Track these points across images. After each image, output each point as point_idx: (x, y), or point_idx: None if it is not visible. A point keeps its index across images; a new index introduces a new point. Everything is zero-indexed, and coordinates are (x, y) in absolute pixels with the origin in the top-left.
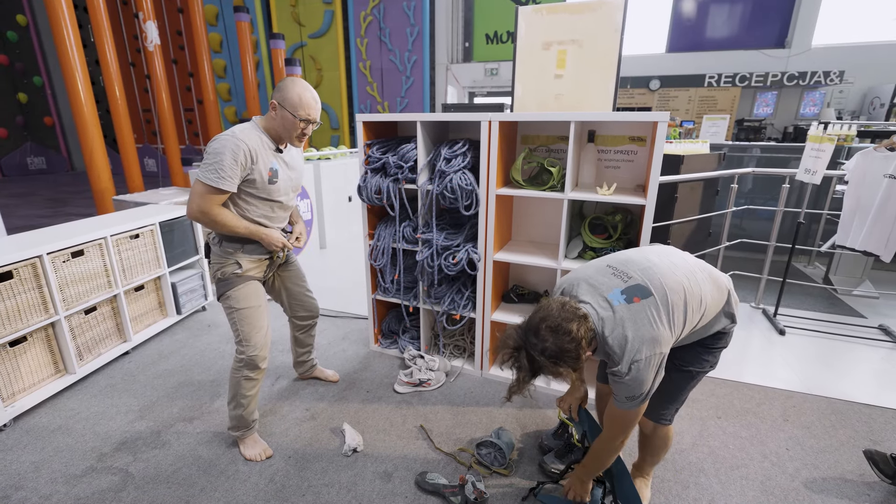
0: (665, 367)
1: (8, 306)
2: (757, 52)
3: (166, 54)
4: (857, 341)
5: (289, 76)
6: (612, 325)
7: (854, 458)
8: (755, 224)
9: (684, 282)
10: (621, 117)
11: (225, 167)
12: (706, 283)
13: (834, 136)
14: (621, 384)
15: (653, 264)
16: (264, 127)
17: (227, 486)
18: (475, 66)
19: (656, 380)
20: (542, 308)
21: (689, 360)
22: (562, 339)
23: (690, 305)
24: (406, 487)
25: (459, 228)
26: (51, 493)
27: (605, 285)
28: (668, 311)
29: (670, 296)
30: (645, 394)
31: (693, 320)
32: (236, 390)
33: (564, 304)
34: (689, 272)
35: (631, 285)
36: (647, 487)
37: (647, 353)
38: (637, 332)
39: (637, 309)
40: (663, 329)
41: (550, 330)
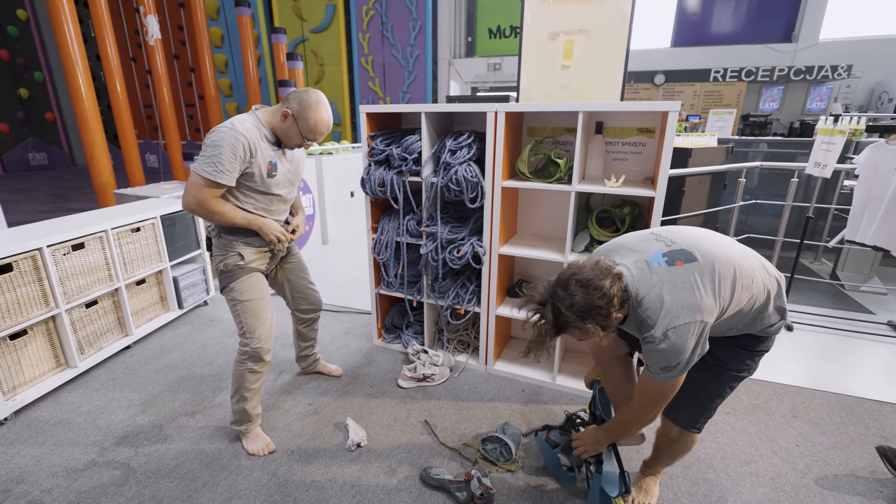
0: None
1: (8, 299)
2: (763, 47)
3: (167, 49)
4: (866, 337)
5: (312, 89)
6: (647, 286)
7: (865, 455)
8: (761, 220)
9: (735, 257)
10: (630, 107)
11: (223, 161)
12: (759, 268)
13: (845, 130)
14: (655, 352)
15: (702, 235)
16: (266, 121)
17: (229, 481)
18: (478, 60)
19: (696, 351)
20: (574, 264)
21: (726, 361)
22: (592, 294)
23: (740, 281)
24: (410, 483)
25: (464, 222)
26: (52, 487)
27: (647, 249)
28: (713, 280)
29: (717, 265)
30: (683, 364)
31: (741, 298)
32: (240, 383)
33: (598, 262)
34: (741, 250)
35: (675, 249)
36: (657, 485)
37: (687, 318)
38: (676, 296)
39: (679, 272)
40: (706, 297)
41: (580, 284)
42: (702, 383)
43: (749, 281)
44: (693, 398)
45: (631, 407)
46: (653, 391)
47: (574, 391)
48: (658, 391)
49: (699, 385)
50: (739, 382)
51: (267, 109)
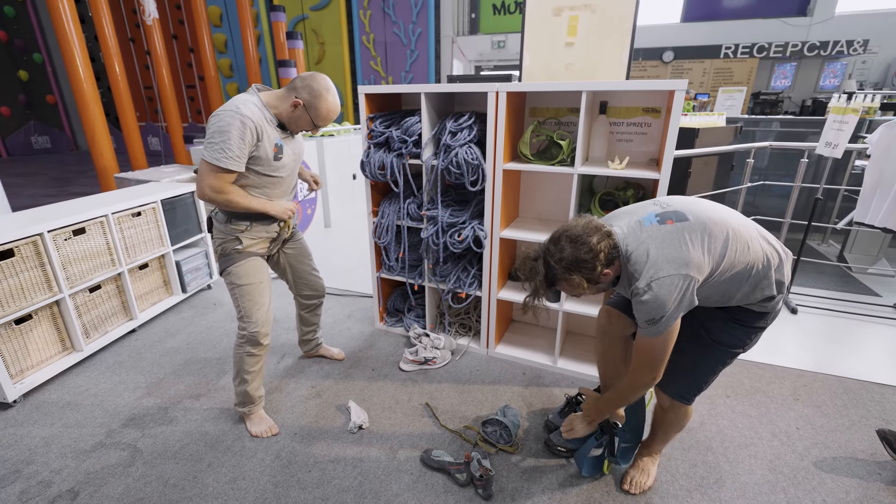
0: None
1: (11, 284)
2: (777, 21)
3: (166, 29)
4: (871, 320)
5: (318, 74)
6: (637, 242)
7: (866, 438)
8: (769, 201)
9: (731, 222)
10: (635, 86)
11: (232, 147)
12: (757, 238)
13: (858, 108)
14: (640, 304)
15: (701, 202)
16: (271, 105)
17: (233, 462)
18: (482, 38)
19: (681, 305)
20: (568, 222)
21: (718, 334)
22: (579, 248)
23: (734, 245)
24: (411, 464)
25: (465, 205)
26: (61, 468)
27: (642, 211)
28: (703, 238)
29: (710, 226)
30: (667, 317)
31: (736, 261)
32: (240, 366)
33: (589, 220)
34: (741, 219)
35: (668, 210)
36: (655, 465)
37: (670, 271)
38: (662, 250)
39: (668, 229)
40: (695, 252)
41: (569, 240)
42: (694, 356)
43: (744, 246)
44: (684, 370)
45: (629, 372)
46: (645, 349)
47: (574, 374)
48: (649, 348)
49: (691, 358)
50: (733, 359)
51: (271, 93)
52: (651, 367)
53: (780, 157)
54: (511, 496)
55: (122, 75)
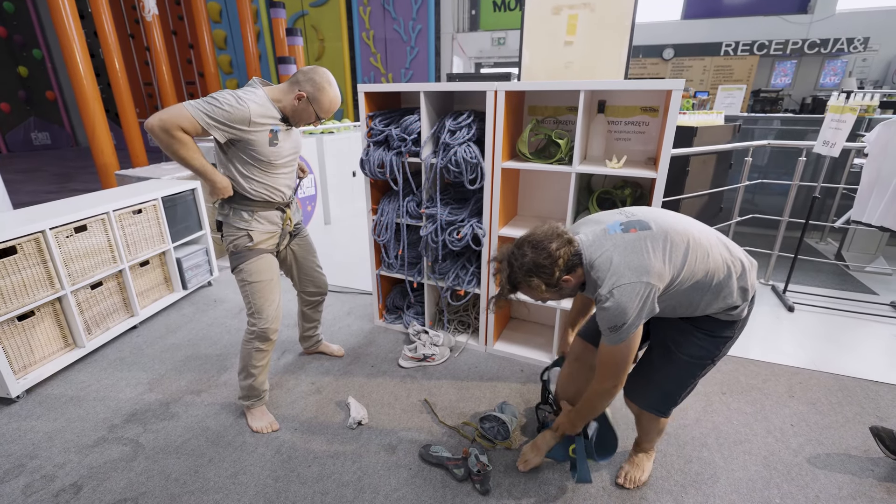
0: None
1: (14, 281)
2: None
3: (165, 25)
4: (868, 318)
5: (319, 68)
6: (600, 249)
7: (859, 435)
8: (768, 199)
9: (693, 231)
10: (633, 86)
11: (216, 114)
12: (718, 245)
13: (856, 107)
14: (602, 311)
15: (665, 212)
16: (274, 98)
17: (234, 457)
18: (482, 35)
19: (642, 313)
20: (533, 228)
21: (686, 347)
22: (539, 254)
23: (694, 252)
24: (410, 459)
25: (464, 203)
26: (64, 462)
27: (608, 220)
28: (664, 247)
29: (671, 234)
30: (628, 324)
31: (696, 270)
32: (247, 361)
33: (553, 227)
34: (702, 228)
35: (631, 220)
36: (650, 461)
37: (632, 278)
38: (625, 258)
39: (631, 238)
40: (655, 260)
41: (531, 245)
42: (665, 371)
43: (704, 254)
44: (654, 384)
45: (594, 380)
46: (607, 357)
47: None
48: (612, 356)
49: (663, 372)
50: (703, 371)
51: (273, 87)
52: (614, 373)
53: (780, 156)
54: (508, 491)
55: (121, 71)
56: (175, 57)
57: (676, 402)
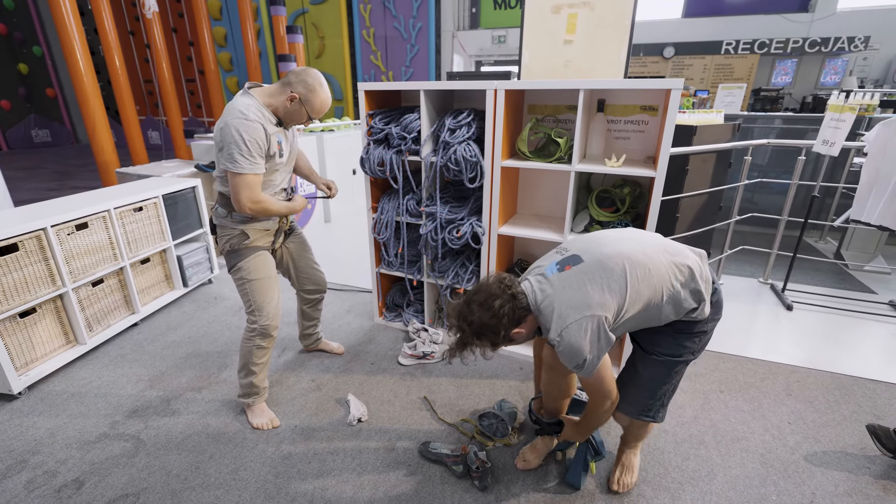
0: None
1: (15, 278)
2: (778, 17)
3: (165, 22)
4: (866, 317)
5: (310, 69)
6: (543, 295)
7: (856, 433)
8: (767, 198)
9: (626, 251)
10: (633, 85)
11: (253, 152)
12: (659, 255)
13: (855, 106)
14: (560, 354)
15: (598, 238)
16: (267, 103)
17: (235, 454)
18: (482, 32)
19: (598, 344)
20: (481, 283)
21: (665, 347)
22: (485, 314)
23: (633, 274)
24: (409, 456)
25: (464, 201)
26: (66, 458)
27: (547, 262)
28: (600, 277)
29: (605, 262)
30: (589, 360)
31: (640, 290)
32: (248, 359)
33: (501, 279)
34: (636, 245)
35: (566, 256)
36: (636, 456)
37: (576, 317)
38: (564, 297)
39: (567, 275)
40: (594, 292)
41: (479, 304)
42: (645, 373)
43: (645, 272)
44: (639, 388)
45: (588, 404)
46: (590, 387)
47: None
48: (592, 386)
49: (643, 375)
50: (685, 367)
51: (263, 90)
52: (604, 395)
53: (780, 155)
54: (507, 487)
55: (122, 69)
56: (175, 54)
57: (665, 403)
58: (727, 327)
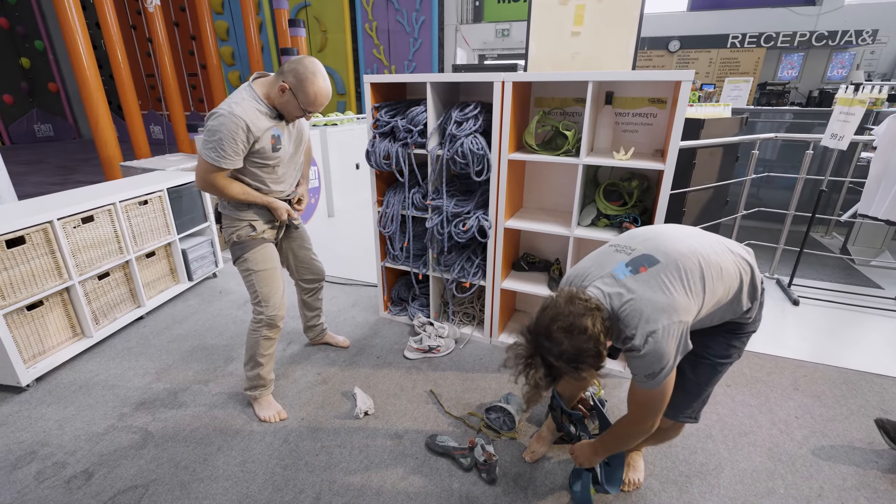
0: (693, 361)
1: (23, 271)
2: (785, 10)
3: (167, 16)
4: (873, 312)
5: (307, 57)
6: (620, 299)
7: (864, 427)
8: (773, 193)
9: (697, 248)
10: (642, 77)
11: (225, 147)
12: (724, 252)
13: (865, 99)
14: (638, 360)
15: (659, 233)
16: (264, 94)
17: (242, 446)
18: (486, 26)
19: (679, 353)
20: (550, 307)
21: (716, 349)
22: (577, 339)
23: (709, 272)
24: (416, 449)
25: (470, 195)
26: (75, 449)
27: (609, 263)
28: (681, 277)
29: (681, 261)
30: (666, 369)
31: (716, 290)
32: (254, 350)
33: (572, 296)
34: (703, 240)
35: (635, 256)
36: (641, 458)
37: (665, 322)
38: (649, 301)
39: (645, 278)
40: (679, 295)
41: (563, 331)
42: (694, 378)
43: (718, 270)
44: (686, 392)
45: (625, 419)
46: (644, 400)
47: None
48: (649, 399)
49: (691, 380)
50: (728, 368)
51: (264, 81)
52: (651, 414)
53: (787, 149)
54: (514, 480)
55: (124, 63)
56: (177, 48)
57: (705, 402)
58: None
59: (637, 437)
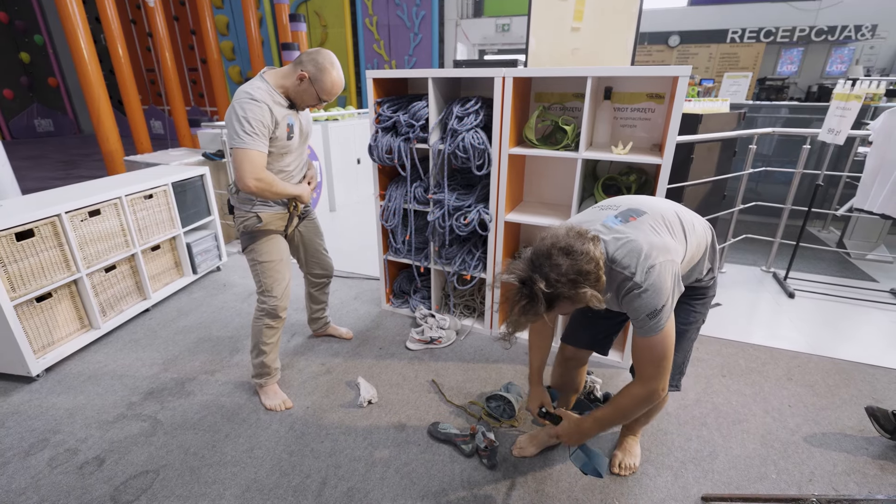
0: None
1: (32, 263)
2: (785, 5)
3: (167, 10)
4: (868, 304)
5: (324, 49)
6: (615, 243)
7: (855, 415)
8: (771, 187)
9: (674, 207)
10: (640, 72)
11: (257, 131)
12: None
13: (861, 94)
14: (639, 299)
15: (639, 197)
16: (278, 84)
17: (249, 433)
18: (486, 21)
19: (675, 292)
20: (548, 235)
21: (680, 316)
22: (578, 259)
23: (687, 225)
24: (419, 436)
25: (471, 189)
26: (86, 437)
27: (598, 218)
28: (667, 226)
29: (664, 213)
30: (667, 306)
31: (691, 242)
32: (258, 338)
33: (570, 227)
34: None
35: (622, 210)
36: (637, 444)
37: (662, 258)
38: (645, 240)
39: (636, 224)
40: (668, 238)
41: (563, 252)
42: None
43: (692, 225)
44: None
45: (630, 386)
46: (648, 352)
47: None
48: (653, 349)
49: None
50: (697, 332)
51: (276, 72)
52: (658, 372)
53: (785, 144)
54: (514, 466)
55: (125, 57)
56: (177, 43)
57: (684, 371)
58: (729, 314)
59: (644, 403)
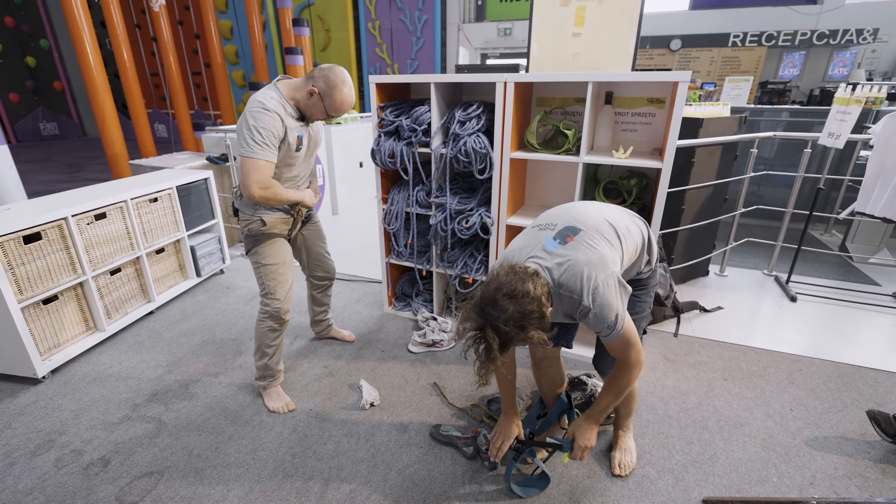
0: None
1: (39, 266)
2: (787, 9)
3: (172, 15)
4: (870, 308)
5: (337, 66)
6: (558, 269)
7: (857, 419)
8: (772, 191)
9: (605, 215)
10: (640, 77)
11: (266, 140)
12: (626, 216)
13: (862, 98)
14: (594, 318)
15: (572, 208)
16: (290, 96)
17: (253, 435)
18: (488, 25)
19: (623, 298)
20: (492, 280)
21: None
22: (521, 301)
23: (621, 231)
24: (421, 438)
25: (473, 192)
26: (91, 438)
27: (538, 240)
28: (602, 237)
29: (598, 226)
30: (620, 314)
31: (628, 244)
32: (261, 341)
33: (511, 266)
34: (608, 208)
35: (560, 230)
36: (631, 439)
37: (602, 276)
38: (585, 260)
39: (574, 244)
40: (604, 249)
41: (507, 297)
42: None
43: (626, 230)
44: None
45: (614, 371)
46: (620, 346)
47: (575, 356)
48: (622, 342)
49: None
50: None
51: (289, 83)
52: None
53: (786, 148)
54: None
55: (130, 62)
56: (181, 47)
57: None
58: (731, 317)
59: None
